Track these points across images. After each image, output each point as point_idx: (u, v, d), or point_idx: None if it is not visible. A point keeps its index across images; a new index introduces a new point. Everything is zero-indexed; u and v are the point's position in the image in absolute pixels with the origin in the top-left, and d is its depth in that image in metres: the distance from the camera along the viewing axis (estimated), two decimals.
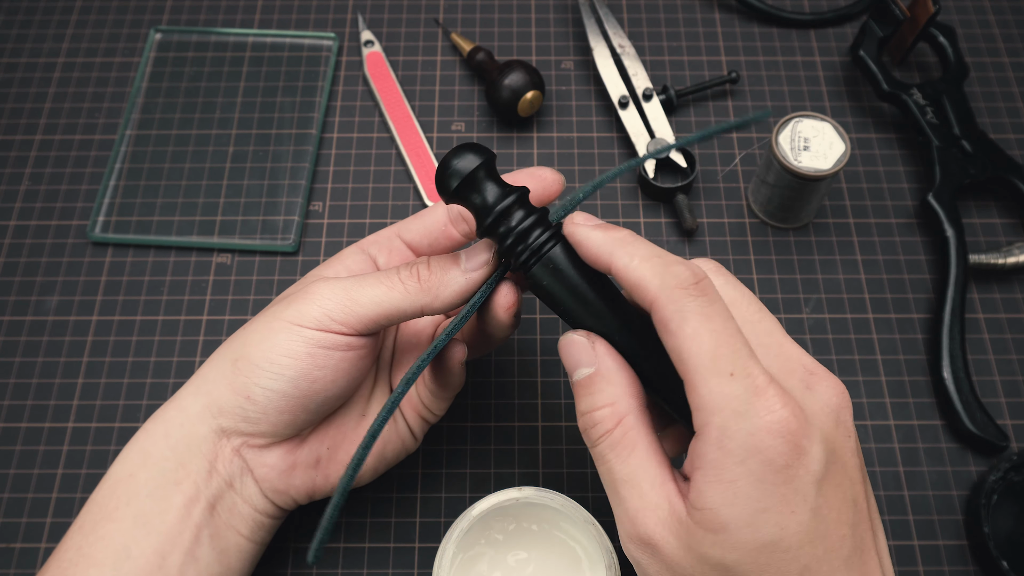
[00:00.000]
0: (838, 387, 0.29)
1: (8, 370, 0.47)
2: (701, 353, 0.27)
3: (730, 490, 0.26)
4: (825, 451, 0.27)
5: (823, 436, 0.27)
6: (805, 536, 0.26)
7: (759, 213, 0.51)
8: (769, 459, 0.26)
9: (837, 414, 0.28)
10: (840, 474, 0.27)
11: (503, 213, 0.32)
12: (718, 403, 0.27)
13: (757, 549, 0.26)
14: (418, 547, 0.43)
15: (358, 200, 0.52)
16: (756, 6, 0.58)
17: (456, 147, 0.33)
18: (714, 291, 0.28)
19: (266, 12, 0.59)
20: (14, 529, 0.43)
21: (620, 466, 0.29)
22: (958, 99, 0.52)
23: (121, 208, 0.51)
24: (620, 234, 0.30)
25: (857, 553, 0.27)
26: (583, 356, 0.31)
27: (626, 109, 0.53)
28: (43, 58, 0.57)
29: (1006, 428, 0.45)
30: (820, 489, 0.26)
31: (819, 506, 0.26)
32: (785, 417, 0.26)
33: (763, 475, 0.26)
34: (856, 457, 0.28)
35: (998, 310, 0.49)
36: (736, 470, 0.26)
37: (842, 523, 0.27)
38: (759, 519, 0.26)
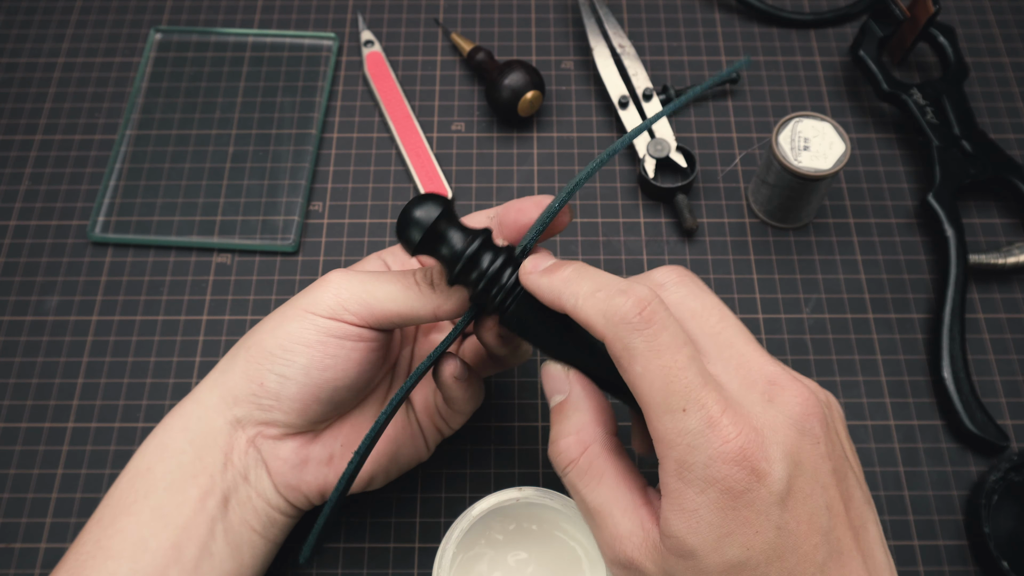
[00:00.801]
0: (801, 394, 0.28)
1: (8, 370, 0.47)
2: (652, 392, 0.27)
3: (693, 519, 0.27)
4: (788, 466, 0.27)
5: (784, 452, 0.27)
6: (772, 553, 0.27)
7: (759, 213, 0.51)
8: (728, 488, 0.26)
9: (801, 424, 0.28)
10: (809, 484, 0.27)
11: (471, 259, 0.32)
12: (673, 438, 0.27)
13: (726, 571, 0.27)
14: (418, 547, 0.43)
15: (358, 200, 0.52)
16: (756, 6, 0.58)
17: (413, 199, 0.32)
18: (662, 317, 0.28)
19: (266, 12, 0.59)
20: (14, 529, 0.43)
21: (590, 495, 0.30)
22: (958, 99, 0.52)
23: (121, 208, 0.51)
24: (566, 273, 0.30)
25: (834, 557, 0.27)
26: (557, 385, 0.32)
27: (626, 109, 0.53)
28: (43, 58, 0.57)
29: (1006, 428, 0.45)
30: (785, 506, 0.27)
31: (785, 522, 0.27)
32: (740, 445, 0.26)
33: (723, 503, 0.26)
34: (828, 461, 0.28)
35: (998, 310, 0.49)
36: (697, 500, 0.27)
37: (813, 532, 0.27)
38: (724, 543, 0.27)
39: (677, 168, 0.53)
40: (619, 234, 0.51)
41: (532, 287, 0.31)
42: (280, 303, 0.49)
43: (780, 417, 0.27)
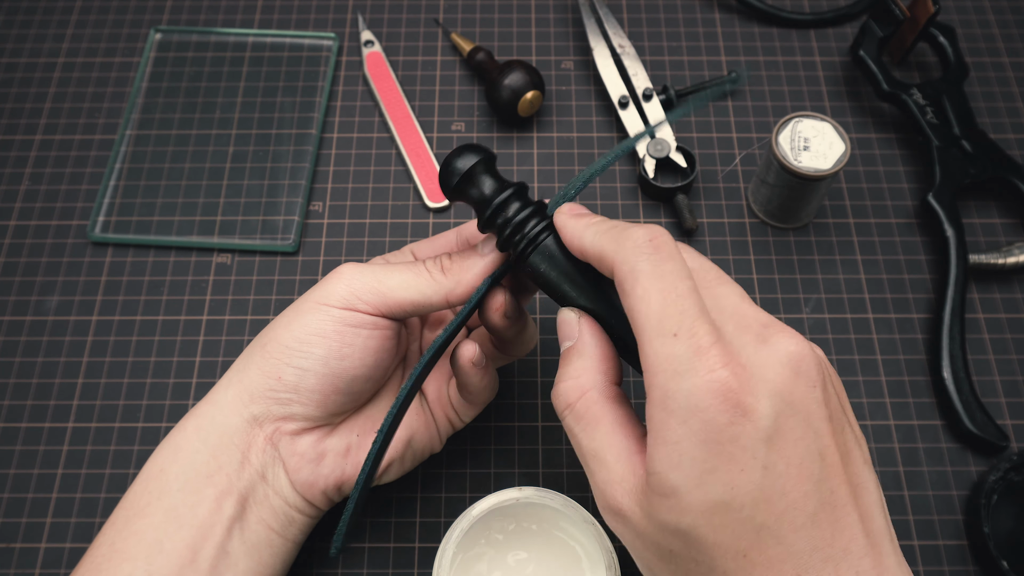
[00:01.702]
0: (796, 337, 0.27)
1: (8, 370, 0.47)
2: (649, 314, 0.27)
3: (675, 451, 0.26)
4: (775, 406, 0.26)
5: (773, 390, 0.26)
6: (758, 494, 0.26)
7: (759, 213, 0.51)
8: (710, 418, 0.26)
9: (796, 364, 0.27)
10: (800, 427, 0.26)
11: (501, 206, 0.34)
12: (661, 364, 0.27)
13: (709, 510, 0.26)
14: (418, 547, 0.43)
15: (358, 200, 0.52)
16: (756, 6, 0.58)
17: (457, 147, 0.35)
18: (670, 248, 0.28)
19: (266, 12, 0.59)
20: (14, 529, 0.43)
21: (586, 440, 0.30)
22: (958, 99, 0.52)
23: (121, 208, 0.51)
24: (594, 219, 0.31)
25: (826, 509, 0.26)
26: (568, 331, 0.32)
27: (626, 109, 0.53)
28: (43, 58, 0.57)
29: (1006, 428, 0.45)
30: (771, 445, 0.26)
31: (772, 462, 0.26)
32: (724, 376, 0.26)
33: (706, 435, 0.26)
34: (823, 408, 0.27)
35: (998, 310, 0.49)
36: (679, 431, 0.26)
37: (804, 478, 0.26)
38: (707, 480, 0.26)
39: (677, 168, 0.53)
40: None
41: (560, 225, 0.32)
42: (280, 303, 0.49)
43: (773, 356, 0.27)
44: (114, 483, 0.44)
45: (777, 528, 0.26)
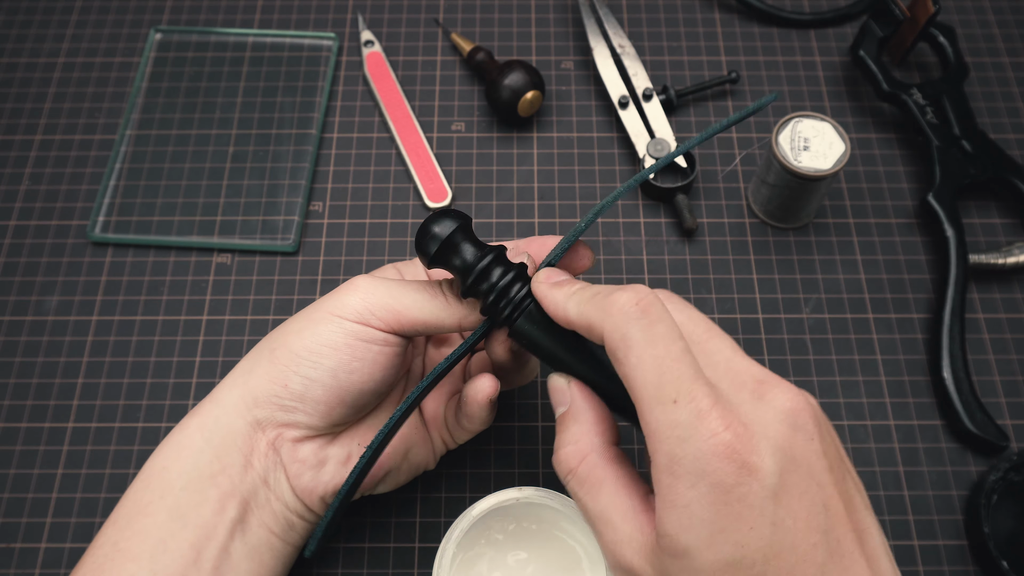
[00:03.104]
0: (790, 391, 0.28)
1: (8, 370, 0.47)
2: (646, 383, 0.27)
3: (685, 514, 0.27)
4: (779, 462, 0.26)
5: (775, 447, 0.27)
6: (769, 550, 0.26)
7: (759, 213, 0.51)
8: (717, 481, 0.26)
9: (793, 419, 0.27)
10: (804, 481, 0.27)
11: (483, 272, 0.33)
12: (664, 431, 0.27)
13: (721, 570, 0.26)
14: (418, 547, 0.43)
15: (358, 200, 0.52)
16: (756, 6, 0.58)
17: (432, 214, 0.34)
18: (658, 310, 0.28)
19: (266, 12, 0.59)
20: (14, 529, 0.43)
21: (591, 503, 0.30)
22: (958, 99, 0.52)
23: (121, 208, 0.51)
24: (574, 286, 0.32)
25: (835, 559, 0.27)
26: (560, 397, 0.32)
27: (626, 109, 0.53)
28: (43, 58, 0.57)
29: (1006, 428, 0.45)
30: (778, 501, 0.26)
31: (780, 518, 0.26)
32: (728, 439, 0.26)
33: (714, 497, 0.26)
34: (823, 459, 0.28)
35: (998, 310, 0.49)
36: (688, 494, 0.26)
37: (811, 530, 0.26)
38: (717, 540, 0.26)
39: (677, 168, 0.53)
40: (619, 234, 0.51)
41: (540, 295, 0.32)
42: (280, 303, 0.49)
43: (770, 413, 0.27)
44: (114, 483, 0.44)
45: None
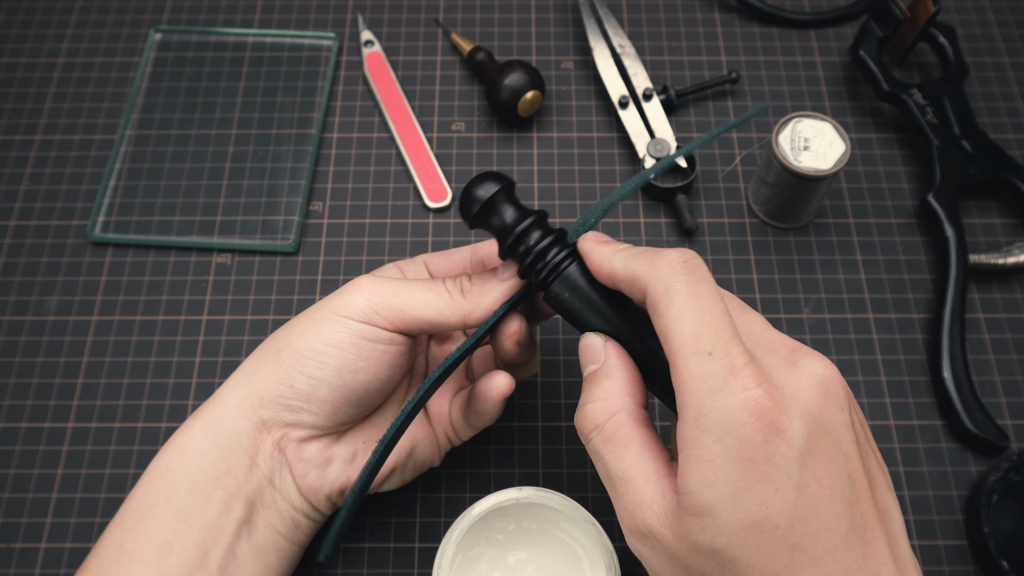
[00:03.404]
0: (823, 361, 0.28)
1: (8, 370, 0.47)
2: (684, 333, 0.27)
3: (710, 469, 0.26)
4: (807, 426, 0.26)
5: (805, 411, 0.26)
6: (793, 514, 0.26)
7: (759, 213, 0.51)
8: (745, 436, 0.26)
9: (825, 386, 0.27)
10: (830, 449, 0.27)
11: (522, 234, 0.34)
12: (695, 383, 0.27)
13: (744, 530, 0.26)
14: (418, 547, 0.43)
15: (358, 200, 0.52)
16: (756, 6, 0.58)
17: (477, 175, 0.35)
18: (704, 270, 0.29)
19: (266, 12, 0.59)
20: (14, 529, 0.43)
21: (614, 462, 0.30)
22: (958, 99, 0.52)
23: (121, 208, 0.51)
24: (621, 245, 0.32)
25: (856, 532, 0.26)
26: (594, 355, 0.32)
27: (626, 109, 0.53)
28: (43, 58, 0.57)
29: (1006, 428, 0.45)
30: (805, 465, 0.26)
31: (806, 482, 0.26)
32: (759, 396, 0.26)
33: (741, 453, 0.26)
34: (850, 431, 0.27)
35: (998, 310, 0.49)
36: (714, 448, 0.26)
37: (836, 500, 0.26)
38: (742, 498, 0.26)
39: (677, 168, 0.53)
40: (619, 234, 0.51)
41: (587, 251, 0.32)
42: (280, 303, 0.49)
43: (803, 379, 0.27)
44: (114, 483, 0.44)
45: (812, 549, 0.26)
